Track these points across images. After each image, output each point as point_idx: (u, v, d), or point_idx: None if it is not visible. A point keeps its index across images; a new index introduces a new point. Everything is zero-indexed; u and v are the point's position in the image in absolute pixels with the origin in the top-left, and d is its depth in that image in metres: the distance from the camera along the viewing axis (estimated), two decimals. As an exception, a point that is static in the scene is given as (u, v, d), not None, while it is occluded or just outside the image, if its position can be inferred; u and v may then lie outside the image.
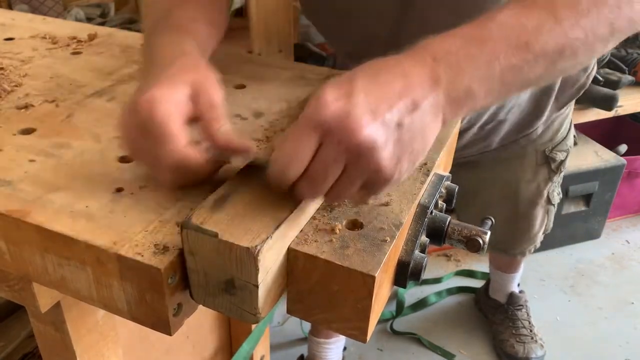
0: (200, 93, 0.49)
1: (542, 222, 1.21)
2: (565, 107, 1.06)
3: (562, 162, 1.13)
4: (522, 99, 0.97)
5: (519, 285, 1.59)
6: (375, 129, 0.42)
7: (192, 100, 0.49)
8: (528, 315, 1.56)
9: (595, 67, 1.05)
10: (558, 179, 1.16)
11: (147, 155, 0.48)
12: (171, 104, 0.47)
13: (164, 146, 0.46)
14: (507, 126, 1.01)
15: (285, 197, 0.46)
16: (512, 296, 1.56)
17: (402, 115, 0.43)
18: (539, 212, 1.18)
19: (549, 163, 1.12)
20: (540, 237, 1.26)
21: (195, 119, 0.49)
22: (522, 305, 1.56)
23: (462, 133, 0.97)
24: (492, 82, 0.47)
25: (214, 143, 0.49)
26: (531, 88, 0.52)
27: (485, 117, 0.97)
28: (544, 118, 1.03)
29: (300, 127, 0.43)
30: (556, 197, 1.19)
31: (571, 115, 1.13)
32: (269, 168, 0.44)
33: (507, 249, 1.30)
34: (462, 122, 0.94)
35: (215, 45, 0.67)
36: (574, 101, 1.09)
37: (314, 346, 1.45)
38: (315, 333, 1.44)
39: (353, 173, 0.43)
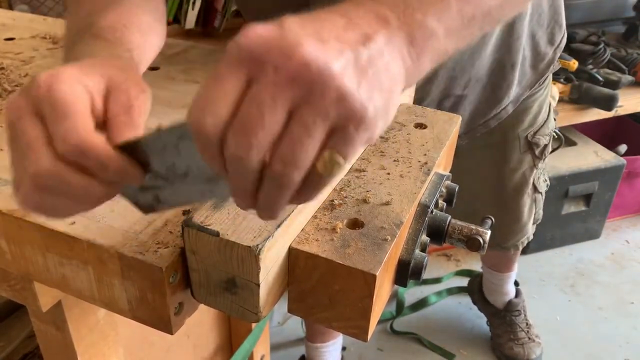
0: (117, 91, 0.39)
1: (530, 211, 1.18)
2: (539, 86, 1.02)
3: (546, 146, 1.09)
4: (481, 72, 0.93)
5: (517, 285, 1.58)
6: (323, 49, 0.31)
7: (105, 97, 0.39)
8: (525, 317, 1.55)
9: (564, 41, 1.01)
10: (543, 166, 1.13)
11: (34, 144, 0.36)
12: (78, 86, 0.38)
13: (63, 123, 0.35)
14: (471, 104, 0.96)
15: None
16: (510, 304, 1.53)
17: (354, 46, 0.33)
18: (526, 201, 1.15)
19: (532, 149, 1.08)
20: (531, 228, 1.23)
21: (103, 123, 0.38)
22: (519, 311, 1.54)
23: None
24: (450, 18, 0.39)
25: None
26: (496, 24, 0.45)
27: (438, 91, 0.90)
28: (511, 94, 0.98)
29: (219, 66, 0.32)
30: (542, 185, 1.16)
31: (549, 98, 1.10)
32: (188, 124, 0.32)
33: (500, 243, 1.25)
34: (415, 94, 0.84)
35: (154, 56, 0.57)
36: (549, 81, 1.06)
37: (311, 351, 1.45)
38: (311, 339, 1.44)
39: (307, 111, 0.31)
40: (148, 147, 0.36)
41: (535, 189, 1.15)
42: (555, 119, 1.15)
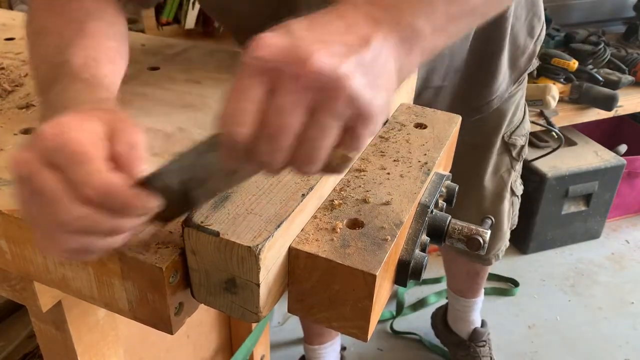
0: (118, 132, 0.40)
1: (508, 216, 1.14)
2: (518, 85, 1.00)
3: (523, 147, 1.06)
4: (458, 63, 0.89)
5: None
6: (332, 55, 0.34)
7: (108, 139, 0.39)
8: (490, 350, 1.49)
9: (544, 33, 0.98)
10: (519, 168, 1.10)
11: (58, 194, 0.36)
12: (84, 132, 0.38)
13: (82, 169, 0.36)
14: (450, 94, 0.93)
15: (286, 197, 0.46)
16: (475, 332, 1.47)
17: (356, 49, 0.36)
18: (506, 206, 1.12)
19: (509, 150, 1.05)
20: (508, 234, 1.19)
21: (111, 161, 0.39)
22: (484, 341, 1.47)
23: None
24: (436, 17, 0.42)
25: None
26: (482, 20, 0.49)
27: (417, 84, 0.85)
28: (495, 86, 0.94)
29: (239, 77, 0.34)
30: (519, 188, 1.13)
31: (524, 98, 1.07)
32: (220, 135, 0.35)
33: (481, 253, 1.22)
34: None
35: (122, 77, 0.58)
36: (525, 82, 1.03)
37: (310, 353, 1.45)
38: (309, 341, 1.44)
39: (323, 114, 0.34)
40: (167, 175, 0.39)
41: (512, 192, 1.12)
42: (529, 119, 1.12)
